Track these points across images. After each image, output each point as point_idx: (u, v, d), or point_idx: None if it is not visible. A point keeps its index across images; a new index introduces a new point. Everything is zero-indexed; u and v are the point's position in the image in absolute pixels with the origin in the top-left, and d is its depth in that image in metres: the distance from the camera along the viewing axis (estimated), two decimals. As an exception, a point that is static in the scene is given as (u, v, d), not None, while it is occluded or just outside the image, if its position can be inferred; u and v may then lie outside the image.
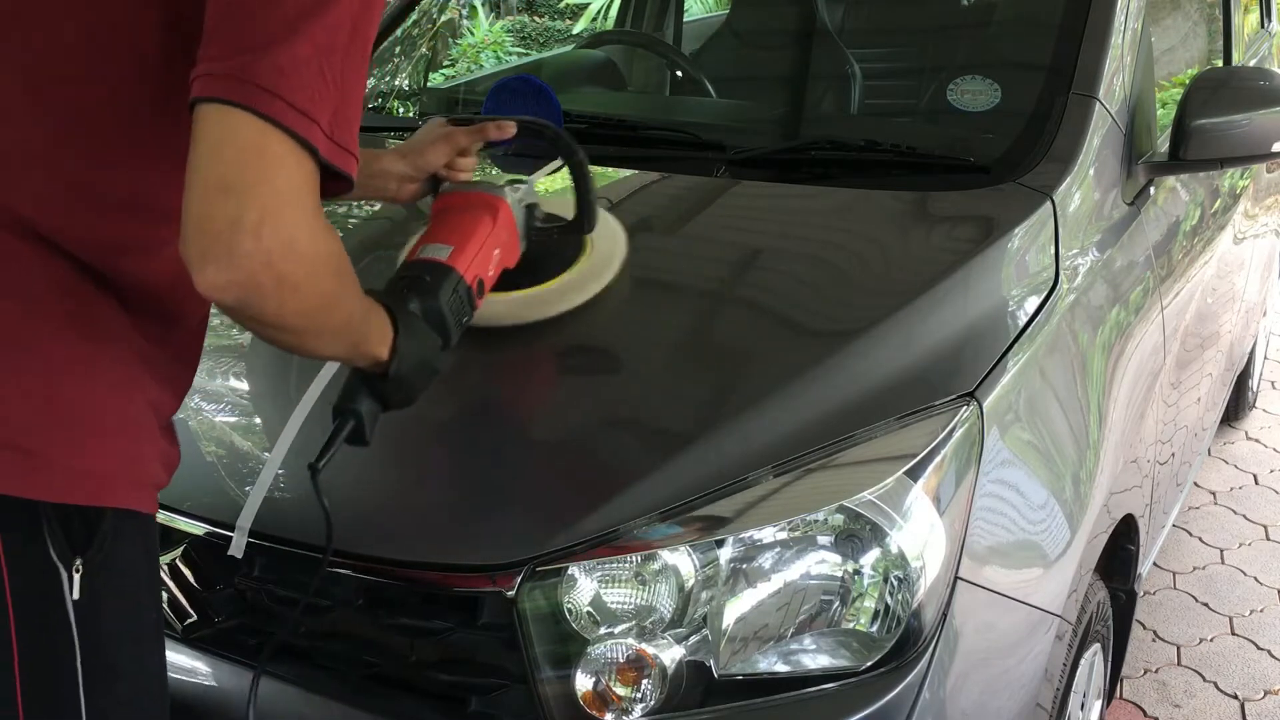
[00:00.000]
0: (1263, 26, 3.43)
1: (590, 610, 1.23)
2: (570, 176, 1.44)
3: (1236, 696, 2.43)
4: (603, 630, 1.23)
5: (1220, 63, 2.80)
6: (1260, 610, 2.73)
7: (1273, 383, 4.05)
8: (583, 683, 1.22)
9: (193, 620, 1.36)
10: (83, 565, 0.97)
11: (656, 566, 1.23)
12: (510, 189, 1.38)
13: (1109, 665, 1.89)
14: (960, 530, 1.29)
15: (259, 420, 1.52)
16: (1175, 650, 2.58)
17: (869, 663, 1.22)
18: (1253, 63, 3.06)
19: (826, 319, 1.53)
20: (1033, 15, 2.21)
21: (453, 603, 1.25)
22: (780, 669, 1.23)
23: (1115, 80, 1.89)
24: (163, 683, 1.10)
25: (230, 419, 1.49)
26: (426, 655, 1.27)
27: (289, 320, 0.93)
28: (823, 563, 1.24)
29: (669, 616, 1.23)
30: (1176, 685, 2.46)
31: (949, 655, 1.26)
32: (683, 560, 1.23)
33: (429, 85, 2.70)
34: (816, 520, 1.24)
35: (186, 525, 1.34)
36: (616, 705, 1.21)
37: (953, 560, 1.28)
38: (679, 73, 2.66)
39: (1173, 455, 2.18)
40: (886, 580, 1.24)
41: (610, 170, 1.84)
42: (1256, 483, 3.35)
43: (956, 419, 1.32)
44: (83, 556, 0.97)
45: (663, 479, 1.26)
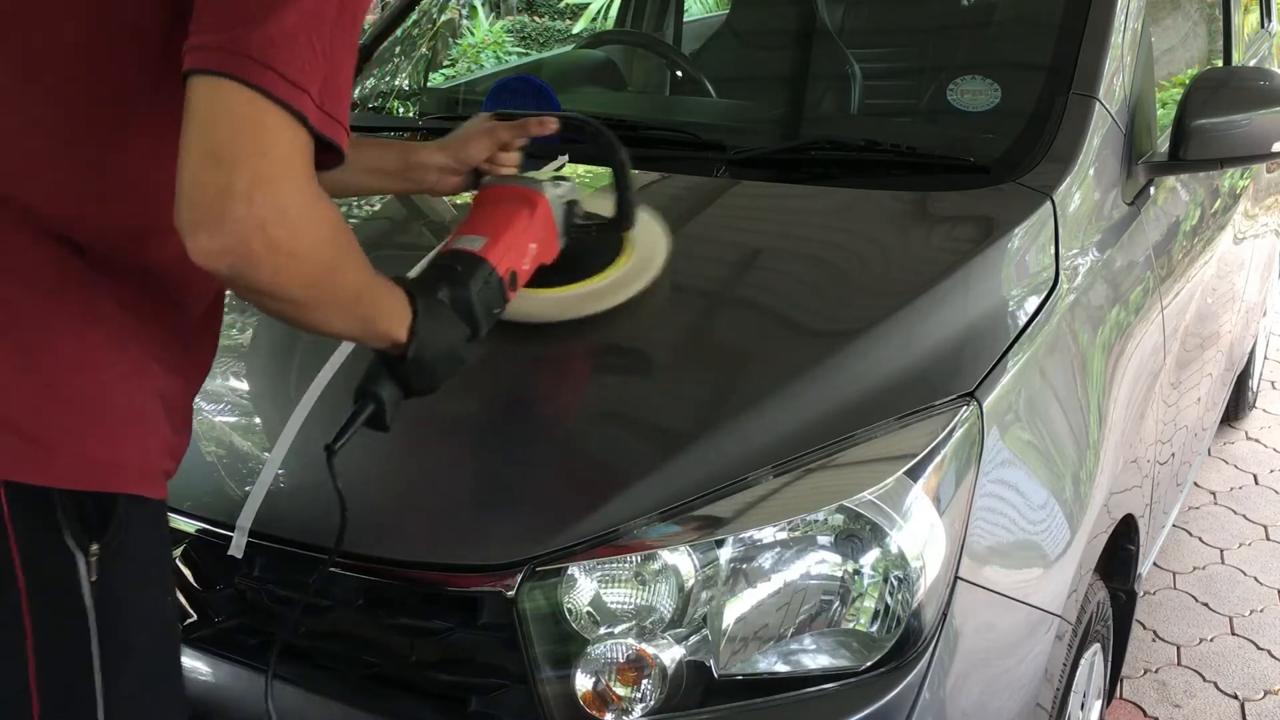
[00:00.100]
0: (1263, 26, 3.43)
1: (590, 610, 1.23)
2: (613, 175, 1.43)
3: (1236, 696, 2.43)
4: (603, 630, 1.23)
5: (1220, 63, 2.80)
6: (1260, 610, 2.73)
7: (1273, 383, 4.05)
8: (583, 683, 1.22)
9: (193, 620, 1.36)
10: (99, 550, 0.98)
11: (656, 566, 1.23)
12: (551, 184, 1.38)
13: (1109, 665, 1.88)
14: (960, 530, 1.29)
15: (259, 420, 1.52)
16: (1175, 650, 2.58)
17: (869, 663, 1.22)
18: (1253, 63, 3.06)
19: (826, 319, 1.53)
20: (1033, 15, 2.21)
21: (453, 603, 1.25)
22: (780, 669, 1.23)
23: (1115, 80, 1.89)
24: (178, 665, 1.11)
25: (230, 419, 1.49)
26: (426, 655, 1.27)
27: (288, 290, 0.93)
28: (823, 563, 1.24)
29: (669, 616, 1.23)
30: (1176, 685, 2.46)
31: (949, 655, 1.26)
32: (683, 560, 1.23)
33: (429, 85, 2.70)
34: (816, 520, 1.24)
35: (186, 525, 1.34)
36: (616, 705, 1.21)
37: (953, 560, 1.28)
38: (679, 73, 2.66)
39: (1173, 455, 2.18)
40: (886, 580, 1.24)
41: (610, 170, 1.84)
42: (1256, 483, 3.35)
43: (956, 419, 1.32)
44: (99, 542, 0.98)
45: (663, 479, 1.26)
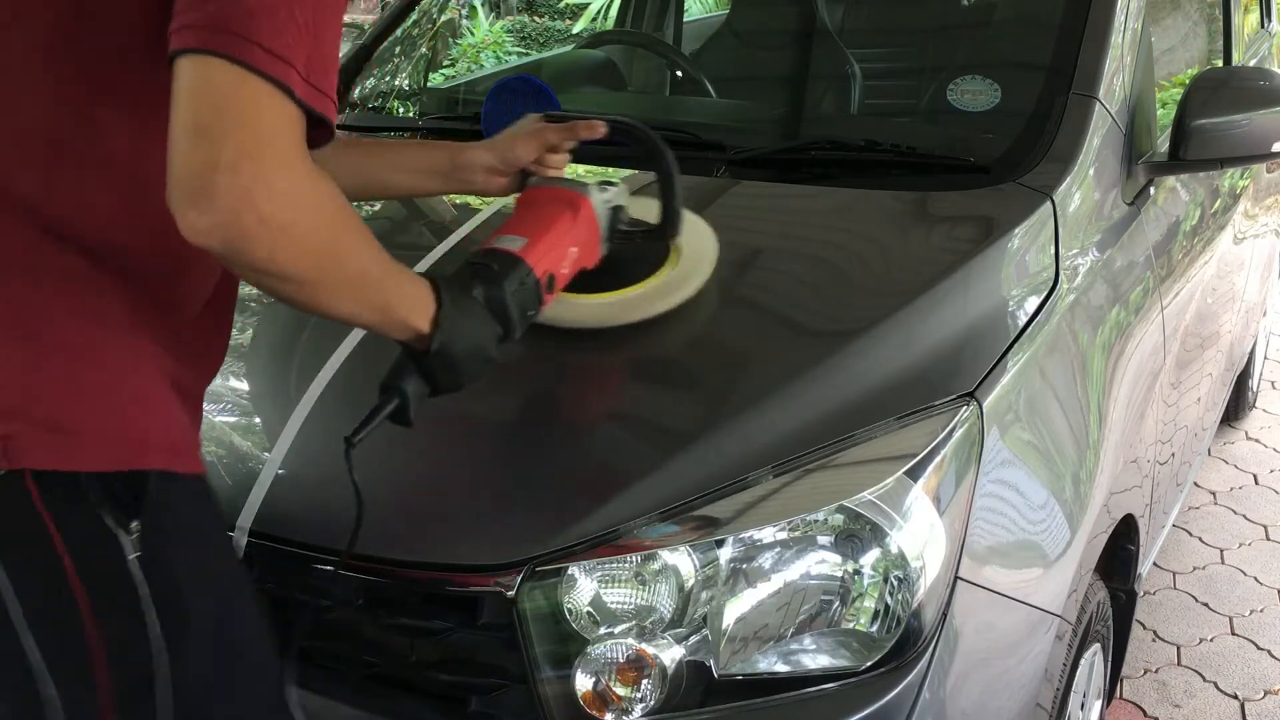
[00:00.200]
0: (1263, 26, 3.43)
1: (590, 610, 1.23)
2: (659, 182, 1.41)
3: (1236, 696, 2.43)
4: (603, 630, 1.23)
5: (1220, 63, 2.80)
6: (1260, 610, 2.73)
7: (1273, 383, 4.05)
8: (583, 683, 1.22)
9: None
10: (139, 527, 1.00)
11: (656, 566, 1.23)
12: (597, 188, 1.36)
13: (1109, 665, 1.89)
14: (960, 530, 1.29)
15: (259, 420, 1.52)
16: (1175, 650, 2.58)
17: (869, 663, 1.22)
18: (1253, 63, 3.06)
19: (826, 319, 1.53)
20: (1033, 15, 2.21)
21: (453, 603, 1.25)
22: (780, 669, 1.23)
23: (1115, 80, 1.89)
24: (255, 629, 1.12)
25: (230, 419, 1.49)
26: (426, 655, 1.27)
27: (287, 267, 0.92)
28: (823, 563, 1.24)
29: (669, 616, 1.23)
30: (1176, 685, 2.46)
31: (949, 655, 1.26)
32: (683, 560, 1.23)
33: (429, 85, 2.70)
34: (816, 520, 1.24)
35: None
36: (616, 705, 1.21)
37: (953, 560, 1.28)
38: (679, 73, 2.66)
39: (1173, 455, 2.18)
40: (886, 580, 1.24)
41: (610, 170, 1.84)
42: (1256, 483, 3.35)
43: (956, 419, 1.32)
44: (137, 519, 1.00)
45: (663, 479, 1.26)
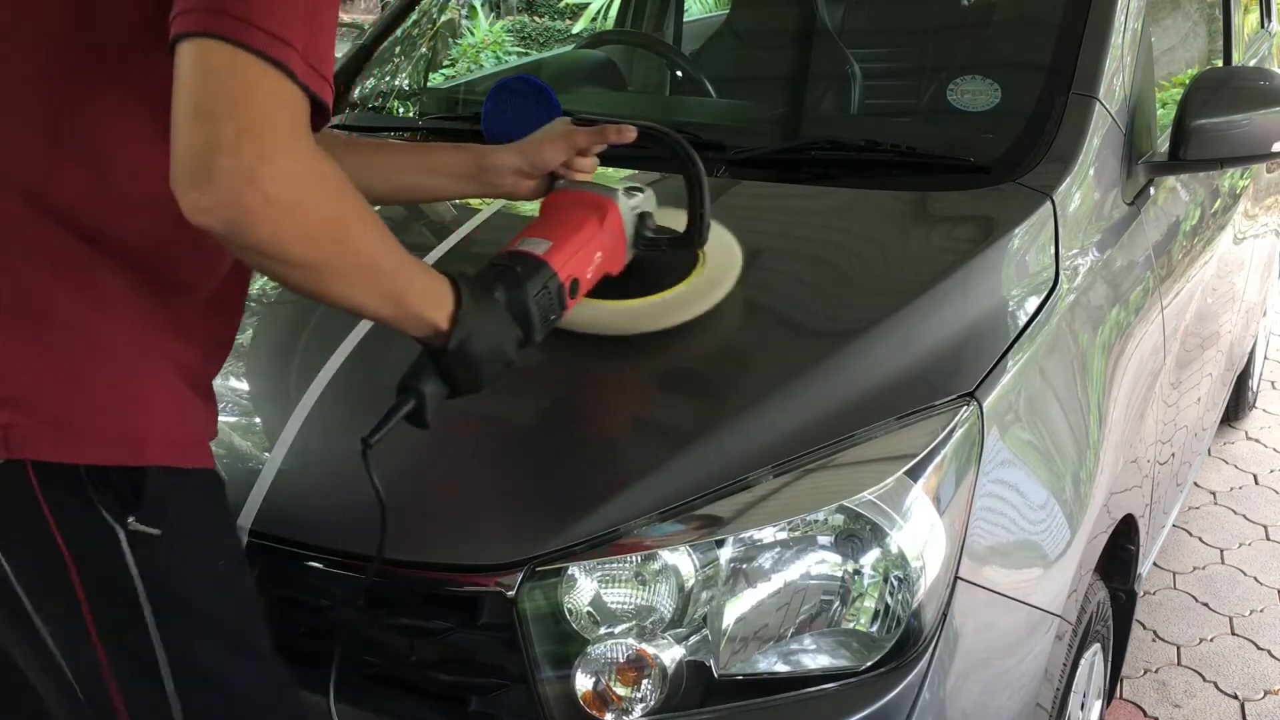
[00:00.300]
0: (1263, 26, 3.43)
1: (590, 610, 1.23)
2: (687, 189, 1.39)
3: (1236, 696, 2.43)
4: (603, 630, 1.23)
5: (1220, 63, 2.79)
6: (1260, 610, 2.73)
7: (1273, 383, 4.05)
8: (583, 683, 1.22)
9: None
10: (136, 522, 1.01)
11: (656, 566, 1.23)
12: (625, 194, 1.35)
13: (1109, 665, 1.89)
14: (960, 530, 1.29)
15: (259, 420, 1.52)
16: (1175, 650, 2.58)
17: (869, 663, 1.22)
18: (1253, 63, 3.05)
19: (826, 319, 1.53)
20: (1033, 15, 2.21)
21: (453, 603, 1.25)
22: (780, 669, 1.23)
23: (1115, 80, 1.89)
24: (252, 621, 1.13)
25: (230, 419, 1.49)
26: (426, 655, 1.27)
27: (290, 250, 0.92)
28: (823, 563, 1.24)
29: (669, 616, 1.23)
30: (1176, 685, 2.46)
31: (949, 655, 1.26)
32: (683, 560, 1.23)
33: (429, 85, 2.70)
34: (816, 520, 1.24)
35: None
36: (616, 705, 1.21)
37: (953, 560, 1.28)
38: (679, 73, 2.66)
39: (1173, 455, 2.18)
40: (886, 580, 1.24)
41: (610, 170, 1.84)
42: (1256, 483, 3.35)
43: (956, 419, 1.32)
44: (134, 514, 1.01)
45: (663, 479, 1.26)
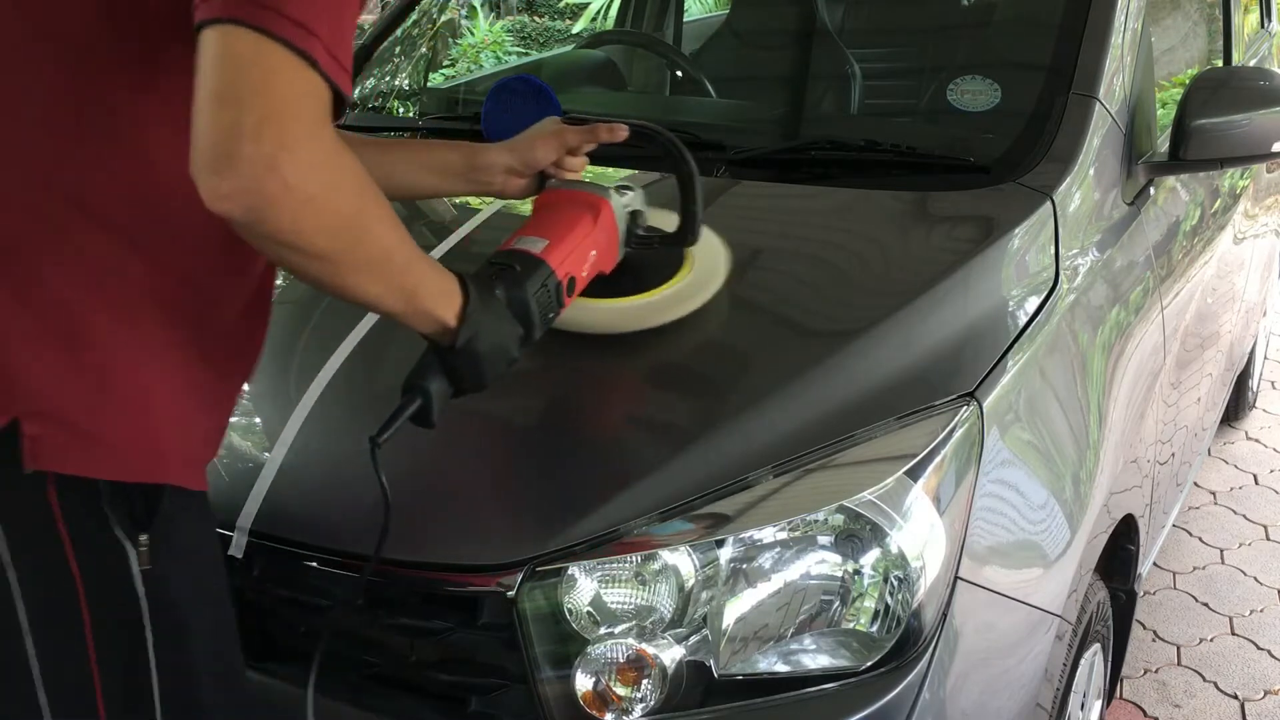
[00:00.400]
0: (1263, 26, 3.43)
1: (590, 610, 1.23)
2: (679, 187, 1.40)
3: (1236, 696, 2.43)
4: (603, 630, 1.23)
5: (1220, 63, 2.80)
6: (1260, 610, 2.73)
7: (1273, 383, 4.05)
8: (583, 683, 1.22)
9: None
10: (148, 540, 1.01)
11: (656, 566, 1.23)
12: (616, 193, 1.36)
13: (1109, 665, 1.88)
14: (960, 530, 1.29)
15: (259, 420, 1.52)
16: (1175, 650, 2.58)
17: (869, 663, 1.22)
18: (1253, 63, 3.06)
19: (826, 319, 1.53)
20: (1033, 15, 2.21)
21: (453, 603, 1.25)
22: (780, 669, 1.23)
23: (1115, 80, 1.89)
24: (235, 648, 1.14)
25: (230, 419, 1.49)
26: (426, 655, 1.27)
27: (310, 240, 0.91)
28: (823, 563, 1.24)
29: (669, 616, 1.23)
30: (1176, 685, 2.46)
31: (949, 655, 1.26)
32: (683, 560, 1.23)
33: (429, 85, 2.70)
34: (816, 520, 1.24)
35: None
36: (616, 705, 1.21)
37: (953, 560, 1.28)
38: (679, 73, 2.66)
39: (1173, 455, 2.18)
40: (886, 580, 1.24)
41: (610, 170, 1.84)
42: (1256, 483, 3.35)
43: (956, 419, 1.32)
44: (146, 532, 1.01)
45: (663, 479, 1.26)
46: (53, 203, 0.98)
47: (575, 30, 8.26)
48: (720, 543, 1.23)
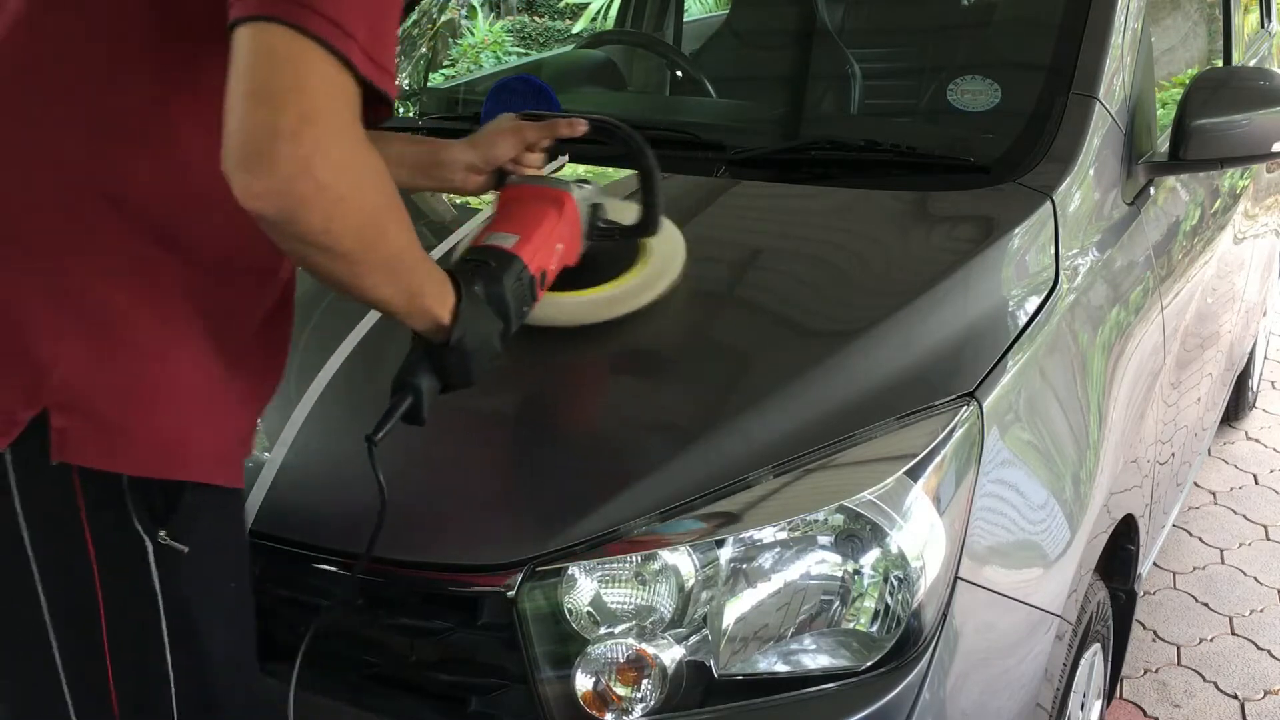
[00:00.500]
0: (1263, 26, 3.43)
1: (590, 610, 1.23)
2: (640, 180, 1.42)
3: (1236, 696, 2.43)
4: (603, 630, 1.23)
5: (1220, 63, 2.80)
6: (1260, 610, 2.73)
7: (1273, 383, 4.05)
8: (583, 683, 1.22)
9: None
10: (167, 535, 1.01)
11: (656, 566, 1.23)
12: (576, 186, 1.37)
13: (1109, 665, 1.88)
14: (960, 530, 1.29)
15: (260, 420, 1.52)
16: (1175, 650, 2.58)
17: (869, 663, 1.22)
18: (1253, 63, 3.06)
19: (826, 319, 1.53)
20: (1033, 15, 2.21)
21: (453, 603, 1.25)
22: (780, 669, 1.23)
23: (1115, 80, 1.89)
24: (251, 646, 1.14)
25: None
26: (426, 655, 1.27)
27: (339, 240, 0.92)
28: (823, 563, 1.24)
29: (669, 616, 1.23)
30: (1176, 685, 2.46)
31: (949, 655, 1.26)
32: (683, 560, 1.23)
33: (429, 85, 2.70)
34: (816, 520, 1.24)
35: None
36: (616, 705, 1.21)
37: (953, 560, 1.28)
38: (679, 73, 2.66)
39: (1173, 455, 2.18)
40: (886, 580, 1.24)
41: (610, 170, 1.84)
42: (1256, 483, 3.35)
43: (956, 419, 1.32)
44: (165, 527, 1.01)
45: (663, 479, 1.26)
46: (87, 199, 0.98)
47: (575, 30, 8.26)
48: (720, 543, 1.23)
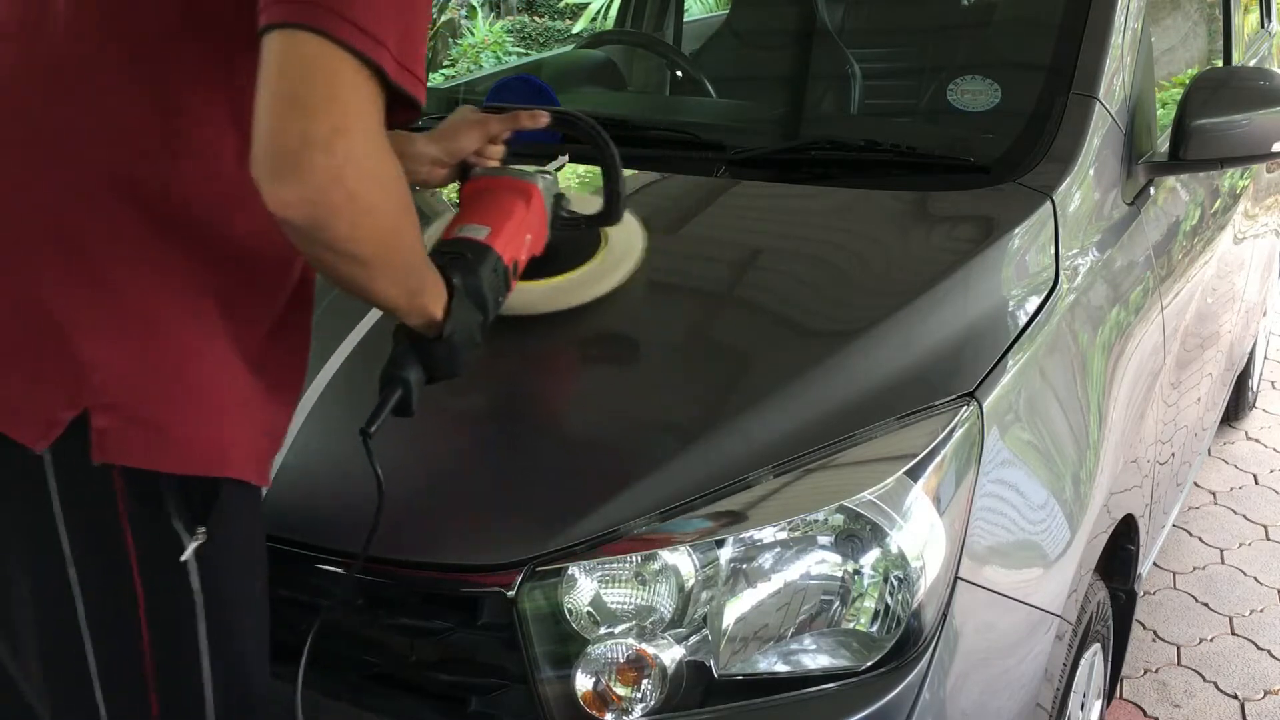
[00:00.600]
0: (1263, 26, 3.44)
1: (590, 610, 1.23)
2: (601, 168, 1.44)
3: (1236, 696, 2.43)
4: (603, 630, 1.23)
5: (1220, 63, 2.80)
6: (1260, 610, 2.73)
7: (1273, 383, 4.05)
8: (583, 683, 1.22)
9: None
10: (204, 533, 1.02)
11: (656, 566, 1.23)
12: (540, 177, 1.39)
13: (1109, 665, 1.88)
14: (960, 530, 1.29)
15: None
16: (1175, 650, 2.58)
17: (869, 663, 1.22)
18: (1253, 63, 3.06)
19: (826, 319, 1.53)
20: (1033, 15, 2.21)
21: (453, 603, 1.25)
22: (780, 669, 1.23)
23: (1115, 80, 1.89)
24: (266, 641, 1.15)
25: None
26: (426, 655, 1.27)
27: (362, 247, 0.93)
28: (823, 563, 1.24)
29: (669, 616, 1.23)
30: (1176, 685, 2.46)
31: (949, 655, 1.26)
32: (683, 560, 1.23)
33: (429, 85, 2.70)
34: (816, 520, 1.24)
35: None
36: (616, 705, 1.21)
37: (953, 560, 1.28)
38: (679, 73, 2.66)
39: (1173, 455, 2.18)
40: (886, 580, 1.24)
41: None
42: (1256, 483, 3.35)
43: (956, 419, 1.32)
44: (203, 525, 1.02)
45: (663, 479, 1.26)
46: (119, 200, 0.98)
47: (575, 30, 8.27)
48: (720, 543, 1.23)
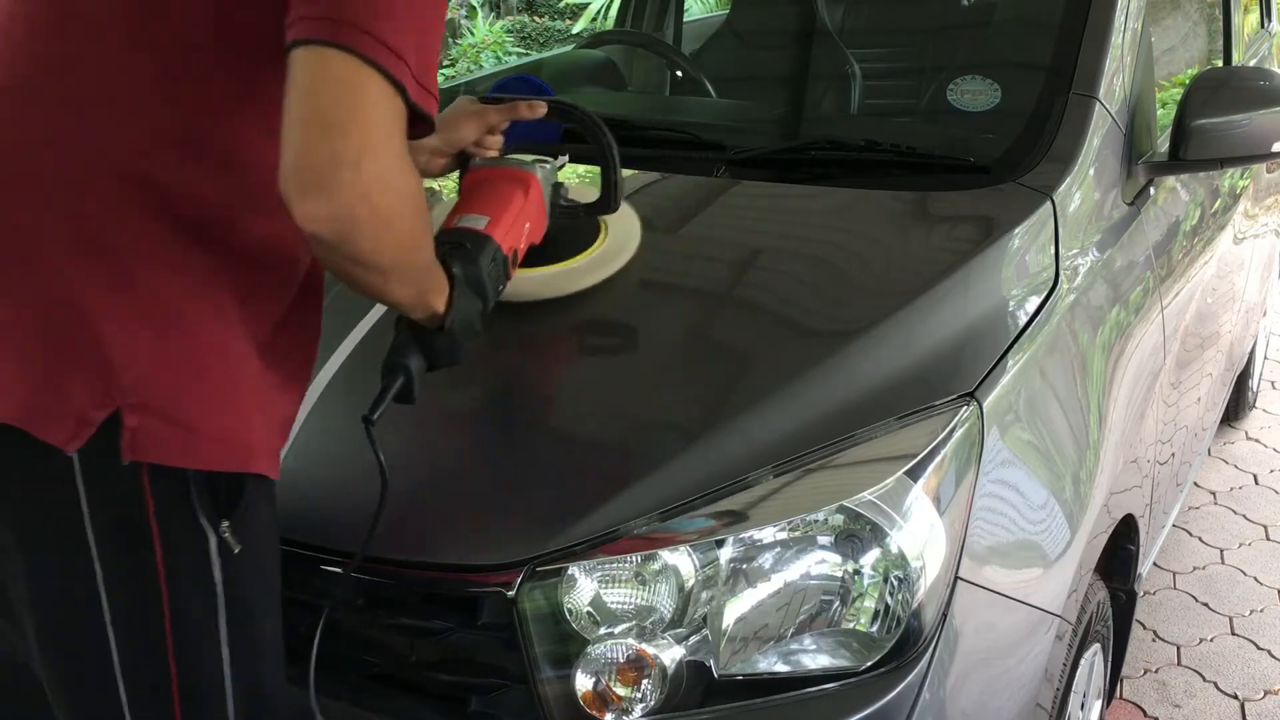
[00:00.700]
0: (1263, 26, 3.44)
1: (590, 610, 1.23)
2: (599, 158, 1.46)
3: (1236, 696, 2.43)
4: (603, 630, 1.23)
5: (1220, 63, 2.80)
6: (1260, 610, 2.73)
7: (1273, 383, 4.05)
8: (583, 683, 1.22)
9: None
10: (228, 527, 1.03)
11: (656, 566, 1.23)
12: (539, 167, 1.40)
13: (1109, 665, 1.88)
14: (960, 530, 1.29)
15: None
16: (1175, 650, 2.58)
17: (869, 663, 1.22)
18: (1253, 63, 3.06)
19: (826, 319, 1.53)
20: (1033, 15, 2.21)
21: (453, 603, 1.25)
22: (780, 669, 1.23)
23: (1115, 80, 1.89)
24: (280, 633, 1.16)
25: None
26: (426, 655, 1.27)
27: (383, 258, 0.96)
28: (823, 563, 1.24)
29: (669, 616, 1.23)
30: (1176, 685, 2.46)
31: (949, 655, 1.26)
32: (683, 560, 1.23)
33: (429, 85, 2.70)
34: (816, 520, 1.24)
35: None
36: (616, 705, 1.21)
37: (953, 560, 1.28)
38: (679, 73, 2.66)
39: (1173, 455, 2.18)
40: (886, 580, 1.24)
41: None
42: (1256, 483, 3.35)
43: (956, 419, 1.32)
44: (228, 519, 1.03)
45: (663, 479, 1.26)
46: (145, 202, 0.99)
47: (575, 30, 8.27)
48: (720, 543, 1.23)
